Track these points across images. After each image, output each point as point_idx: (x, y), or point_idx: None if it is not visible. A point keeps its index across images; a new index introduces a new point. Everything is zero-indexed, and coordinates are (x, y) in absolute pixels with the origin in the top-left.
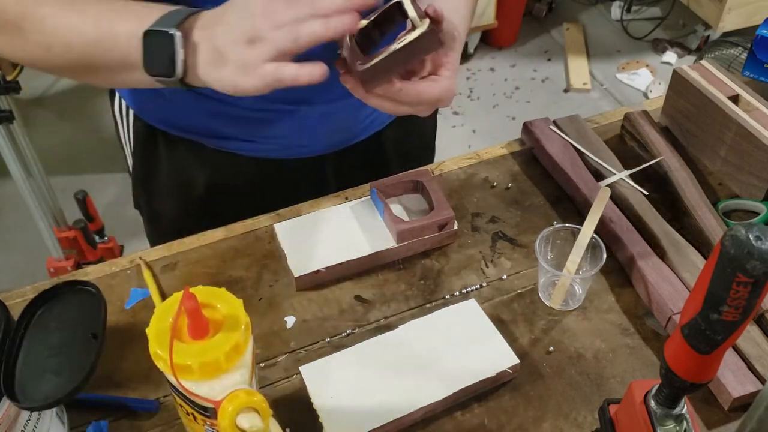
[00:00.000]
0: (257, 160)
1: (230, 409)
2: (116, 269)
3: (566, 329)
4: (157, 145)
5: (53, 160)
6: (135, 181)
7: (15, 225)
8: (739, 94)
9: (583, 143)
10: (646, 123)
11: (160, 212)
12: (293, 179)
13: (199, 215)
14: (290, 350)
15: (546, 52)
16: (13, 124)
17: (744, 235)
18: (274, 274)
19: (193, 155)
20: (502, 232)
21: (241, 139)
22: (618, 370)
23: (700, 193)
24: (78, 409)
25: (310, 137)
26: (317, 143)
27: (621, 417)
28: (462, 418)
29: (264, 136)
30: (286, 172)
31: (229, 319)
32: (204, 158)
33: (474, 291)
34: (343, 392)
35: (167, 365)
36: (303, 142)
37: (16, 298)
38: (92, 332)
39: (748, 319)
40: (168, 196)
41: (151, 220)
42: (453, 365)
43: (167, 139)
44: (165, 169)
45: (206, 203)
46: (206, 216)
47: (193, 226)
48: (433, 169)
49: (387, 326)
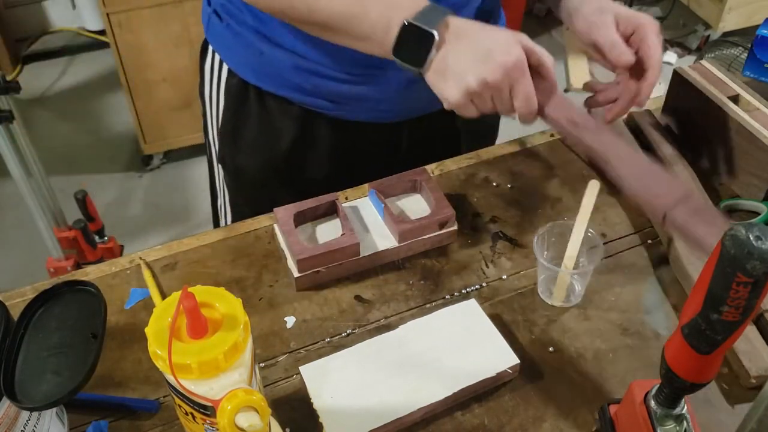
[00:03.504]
0: (338, 122)
1: (229, 408)
2: (116, 269)
3: (566, 329)
4: (248, 100)
5: (53, 160)
6: (222, 137)
7: (15, 225)
8: (739, 94)
9: None
10: (649, 122)
11: (245, 168)
12: (369, 144)
13: (281, 172)
14: (290, 350)
15: None
16: (13, 124)
17: (744, 235)
18: (274, 274)
19: (282, 111)
20: (502, 232)
21: (327, 99)
22: (618, 370)
23: (702, 192)
24: (78, 409)
25: (389, 102)
26: (395, 109)
27: (621, 417)
28: (462, 418)
29: (347, 97)
30: (363, 135)
31: (228, 318)
32: (291, 115)
33: (474, 291)
34: (343, 392)
35: (166, 364)
36: (382, 107)
37: (16, 298)
38: (92, 332)
39: (748, 319)
40: (254, 152)
41: (235, 175)
42: (453, 365)
43: (258, 94)
44: (254, 125)
45: (288, 160)
46: (288, 173)
47: (275, 183)
48: (433, 169)
49: (387, 326)
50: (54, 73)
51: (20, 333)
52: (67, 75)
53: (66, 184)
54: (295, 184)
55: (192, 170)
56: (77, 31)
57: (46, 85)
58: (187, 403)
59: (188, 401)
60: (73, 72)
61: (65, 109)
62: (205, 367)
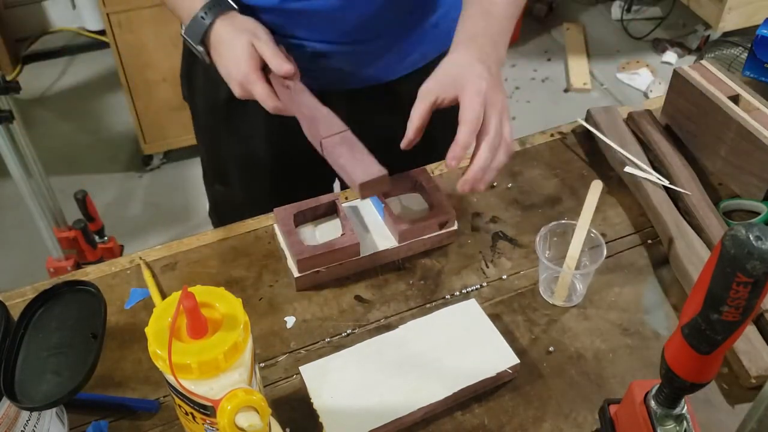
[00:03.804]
0: None
1: (229, 408)
2: (116, 269)
3: (566, 329)
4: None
5: (53, 160)
6: (182, 78)
7: (15, 225)
8: (739, 94)
9: (613, 134)
10: (649, 122)
11: (198, 109)
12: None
13: (227, 121)
14: (290, 350)
15: (546, 51)
16: (13, 124)
17: (744, 235)
18: (274, 274)
19: None
20: (502, 232)
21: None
22: (618, 370)
23: (702, 192)
24: (78, 409)
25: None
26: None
27: (621, 417)
28: (462, 418)
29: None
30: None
31: (228, 318)
32: None
33: (474, 291)
34: (343, 392)
35: (166, 364)
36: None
37: (16, 298)
38: (92, 332)
39: (749, 319)
40: (202, 95)
41: (194, 115)
42: (453, 365)
43: None
44: (200, 70)
45: (229, 111)
46: (233, 122)
47: (222, 128)
48: (433, 169)
49: (387, 326)
50: (54, 73)
51: (20, 333)
52: (67, 75)
53: (66, 184)
54: (241, 132)
55: (192, 170)
56: (77, 31)
57: (46, 85)
58: (187, 403)
59: (188, 401)
60: (73, 72)
61: (65, 109)
62: (205, 367)
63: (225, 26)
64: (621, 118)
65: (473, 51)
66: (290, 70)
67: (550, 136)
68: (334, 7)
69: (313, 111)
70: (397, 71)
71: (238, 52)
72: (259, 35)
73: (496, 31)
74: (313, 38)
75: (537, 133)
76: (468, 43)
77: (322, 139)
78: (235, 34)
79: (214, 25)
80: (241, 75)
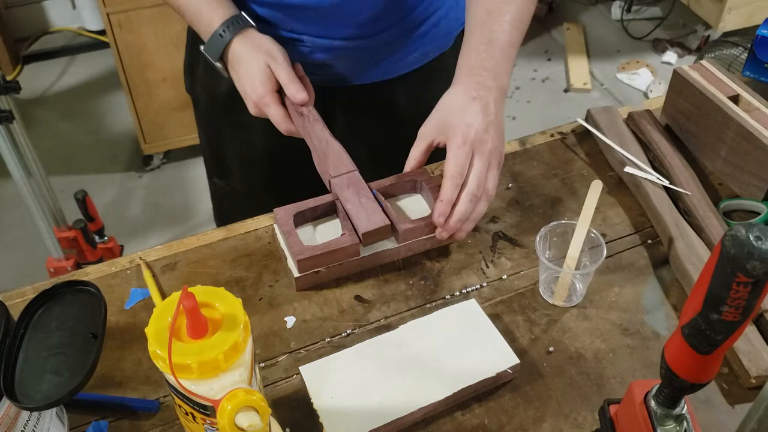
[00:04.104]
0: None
1: (229, 408)
2: (116, 269)
3: (566, 329)
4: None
5: (53, 160)
6: (185, 70)
7: (15, 225)
8: (739, 94)
9: (613, 134)
10: (649, 122)
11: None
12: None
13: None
14: (290, 350)
15: (546, 51)
16: (13, 124)
17: (744, 235)
18: (274, 274)
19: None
20: (502, 232)
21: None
22: (618, 370)
23: (702, 192)
24: (78, 409)
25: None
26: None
27: (621, 417)
28: (462, 418)
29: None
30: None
31: (228, 318)
32: None
33: (474, 291)
34: (343, 392)
35: (166, 365)
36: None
37: (16, 298)
38: (92, 332)
39: (749, 319)
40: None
41: (196, 107)
42: (453, 365)
43: None
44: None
45: (228, 102)
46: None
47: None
48: (433, 169)
49: (387, 326)
50: (54, 73)
51: (20, 333)
52: (67, 75)
53: (66, 184)
54: (241, 125)
55: (192, 170)
56: (77, 31)
57: (46, 85)
58: (187, 403)
59: (188, 401)
60: (73, 72)
61: (65, 109)
62: (205, 367)
63: (243, 45)
64: (621, 118)
65: (472, 88)
66: (305, 98)
67: (550, 136)
68: (333, 3)
69: (324, 145)
70: (396, 70)
71: (254, 73)
72: (276, 57)
73: (499, 60)
74: (312, 33)
75: (537, 133)
76: (468, 79)
77: (331, 178)
78: (253, 54)
79: (232, 42)
80: (257, 96)
